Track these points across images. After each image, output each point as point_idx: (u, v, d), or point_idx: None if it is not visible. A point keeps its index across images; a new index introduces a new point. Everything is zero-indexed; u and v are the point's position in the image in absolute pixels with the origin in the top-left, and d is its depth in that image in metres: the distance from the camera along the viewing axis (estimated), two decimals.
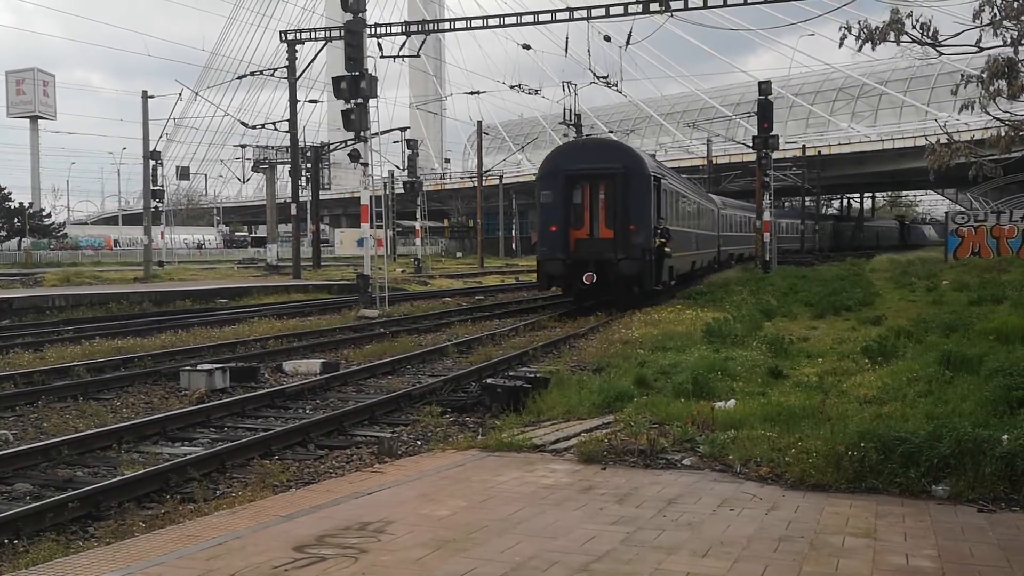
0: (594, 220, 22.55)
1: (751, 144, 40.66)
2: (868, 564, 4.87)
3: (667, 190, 24.96)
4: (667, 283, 24.29)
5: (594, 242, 22.41)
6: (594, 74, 38.41)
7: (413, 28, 38.61)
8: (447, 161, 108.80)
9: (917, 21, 10.26)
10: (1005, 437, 6.51)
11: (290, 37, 40.57)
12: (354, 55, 24.14)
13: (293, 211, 43.43)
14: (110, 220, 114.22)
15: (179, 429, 9.82)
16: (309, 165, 50.53)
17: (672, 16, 33.27)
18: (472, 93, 57.88)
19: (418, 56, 40.34)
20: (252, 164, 57.14)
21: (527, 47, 44.67)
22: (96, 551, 5.55)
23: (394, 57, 36.08)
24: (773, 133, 37.91)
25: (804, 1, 32.47)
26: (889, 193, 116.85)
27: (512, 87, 45.74)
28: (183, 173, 67.41)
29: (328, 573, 4.72)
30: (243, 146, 59.31)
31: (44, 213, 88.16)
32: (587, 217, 22.63)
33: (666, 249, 22.84)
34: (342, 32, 26.70)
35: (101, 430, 9.41)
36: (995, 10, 9.77)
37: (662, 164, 31.76)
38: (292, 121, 42.11)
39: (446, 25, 41.49)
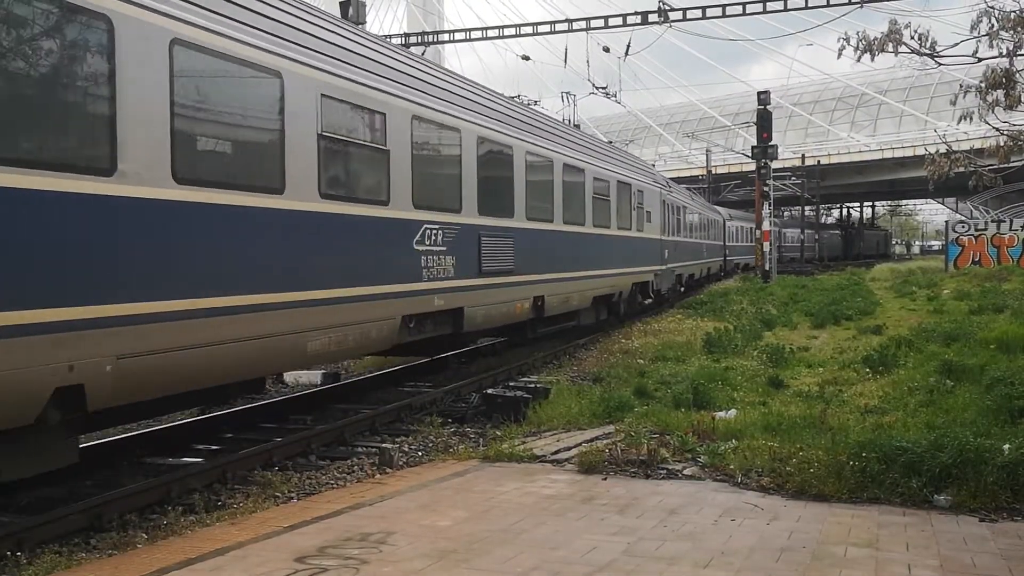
0: None
1: (750, 154, 40.72)
2: (870, 574, 4.87)
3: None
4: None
5: None
6: (593, 85, 38.41)
7: (413, 39, 38.71)
8: None
9: (915, 32, 10.29)
10: (1007, 447, 6.53)
11: None
12: None
13: None
14: None
15: (181, 440, 9.82)
16: None
17: (670, 27, 33.35)
18: None
19: None
20: None
21: (526, 58, 44.74)
22: (98, 562, 5.56)
23: None
24: (772, 143, 37.96)
25: (803, 11, 32.47)
26: (889, 202, 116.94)
27: (512, 98, 45.61)
28: None
29: None
30: None
31: None
32: None
33: None
34: None
35: (101, 441, 9.40)
36: (993, 21, 9.81)
37: None
38: None
39: (445, 36, 41.57)
